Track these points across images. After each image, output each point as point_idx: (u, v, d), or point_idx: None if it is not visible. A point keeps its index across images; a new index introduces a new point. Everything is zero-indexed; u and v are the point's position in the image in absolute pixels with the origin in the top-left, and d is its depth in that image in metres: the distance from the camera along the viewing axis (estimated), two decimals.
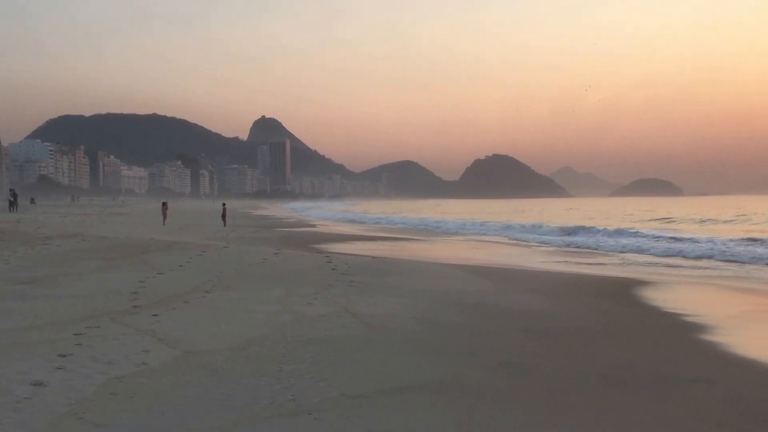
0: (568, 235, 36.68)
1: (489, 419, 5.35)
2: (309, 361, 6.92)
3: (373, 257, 20.03)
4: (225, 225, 42.79)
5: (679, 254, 24.07)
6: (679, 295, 13.49)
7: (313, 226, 50.68)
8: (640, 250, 25.33)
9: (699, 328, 9.70)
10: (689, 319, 10.47)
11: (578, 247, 29.37)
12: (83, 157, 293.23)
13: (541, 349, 7.94)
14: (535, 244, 32.12)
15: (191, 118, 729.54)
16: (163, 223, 42.68)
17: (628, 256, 24.31)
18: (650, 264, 21.29)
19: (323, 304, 10.45)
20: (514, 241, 34.27)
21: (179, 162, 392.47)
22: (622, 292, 13.60)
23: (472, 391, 6.08)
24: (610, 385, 6.43)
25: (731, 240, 26.14)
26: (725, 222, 49.14)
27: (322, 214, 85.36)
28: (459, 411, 5.52)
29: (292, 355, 7.18)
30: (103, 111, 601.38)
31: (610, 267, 20.45)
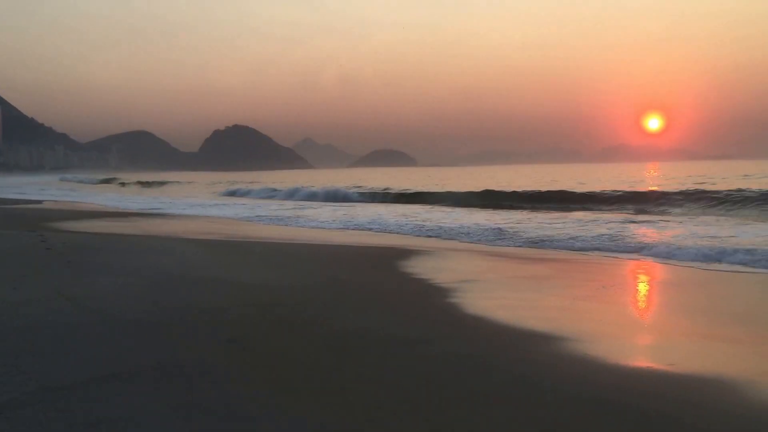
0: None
1: (208, 398, 5.17)
2: (5, 354, 6.11)
3: (97, 234, 18.56)
4: None
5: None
6: (428, 262, 13.84)
7: (32, 203, 45.56)
8: (398, 225, 25.61)
9: (438, 291, 10.23)
10: (430, 282, 10.99)
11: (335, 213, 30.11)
12: None
13: (269, 324, 7.89)
14: (273, 216, 32.31)
15: None
16: None
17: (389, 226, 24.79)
18: (406, 234, 22.34)
19: (31, 289, 9.36)
20: (252, 215, 34.16)
21: None
22: (366, 260, 13.91)
23: (192, 372, 5.83)
24: (337, 353, 6.58)
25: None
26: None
27: (36, 190, 77.31)
28: (176, 393, 5.26)
29: None
30: None
31: (361, 237, 21.18)
